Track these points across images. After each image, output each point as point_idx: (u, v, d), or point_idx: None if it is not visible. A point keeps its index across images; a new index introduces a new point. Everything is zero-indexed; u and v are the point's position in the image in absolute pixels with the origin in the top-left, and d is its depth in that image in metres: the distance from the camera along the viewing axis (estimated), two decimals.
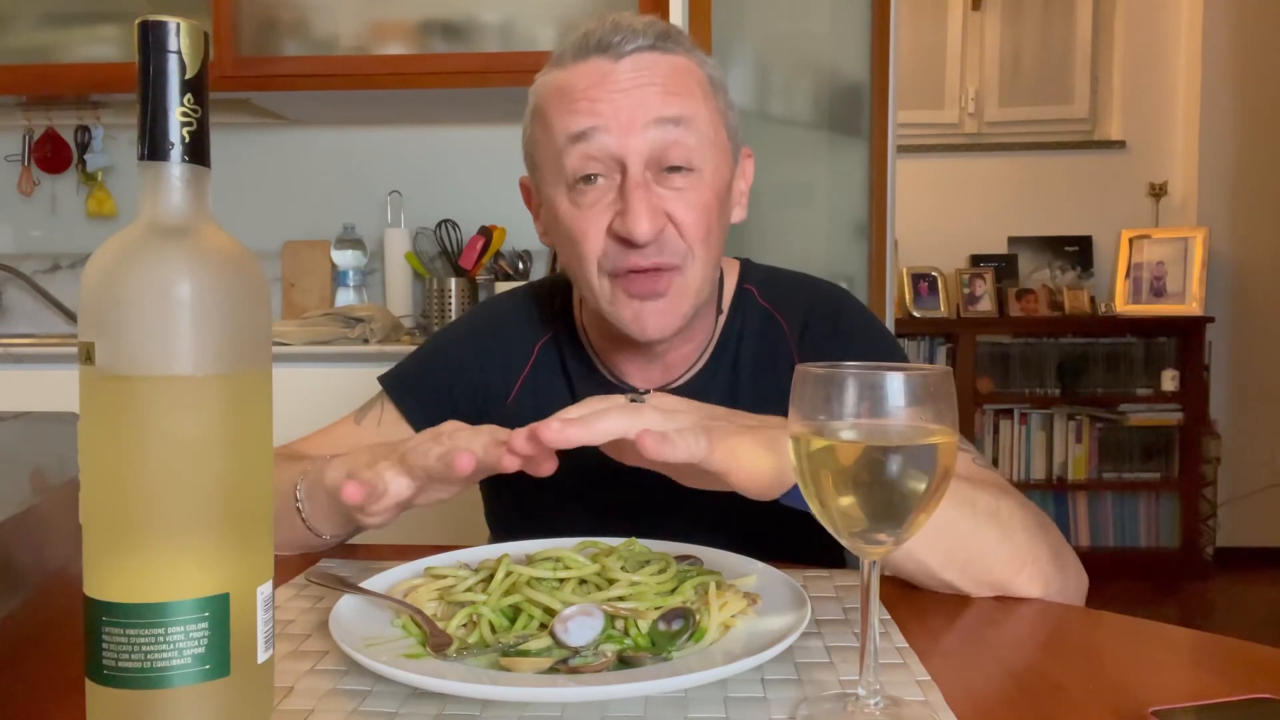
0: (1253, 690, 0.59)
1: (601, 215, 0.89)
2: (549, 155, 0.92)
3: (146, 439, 0.46)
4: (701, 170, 0.90)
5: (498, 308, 1.13)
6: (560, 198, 0.92)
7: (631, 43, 0.88)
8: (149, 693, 0.46)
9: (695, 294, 0.93)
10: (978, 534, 0.77)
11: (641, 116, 0.87)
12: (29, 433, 1.09)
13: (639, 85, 0.88)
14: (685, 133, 0.88)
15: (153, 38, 0.47)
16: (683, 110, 0.88)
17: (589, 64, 0.89)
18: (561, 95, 0.90)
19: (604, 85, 0.88)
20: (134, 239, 0.48)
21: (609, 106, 0.87)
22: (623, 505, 0.94)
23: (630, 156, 0.87)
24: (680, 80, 0.90)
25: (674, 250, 0.90)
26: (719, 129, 0.93)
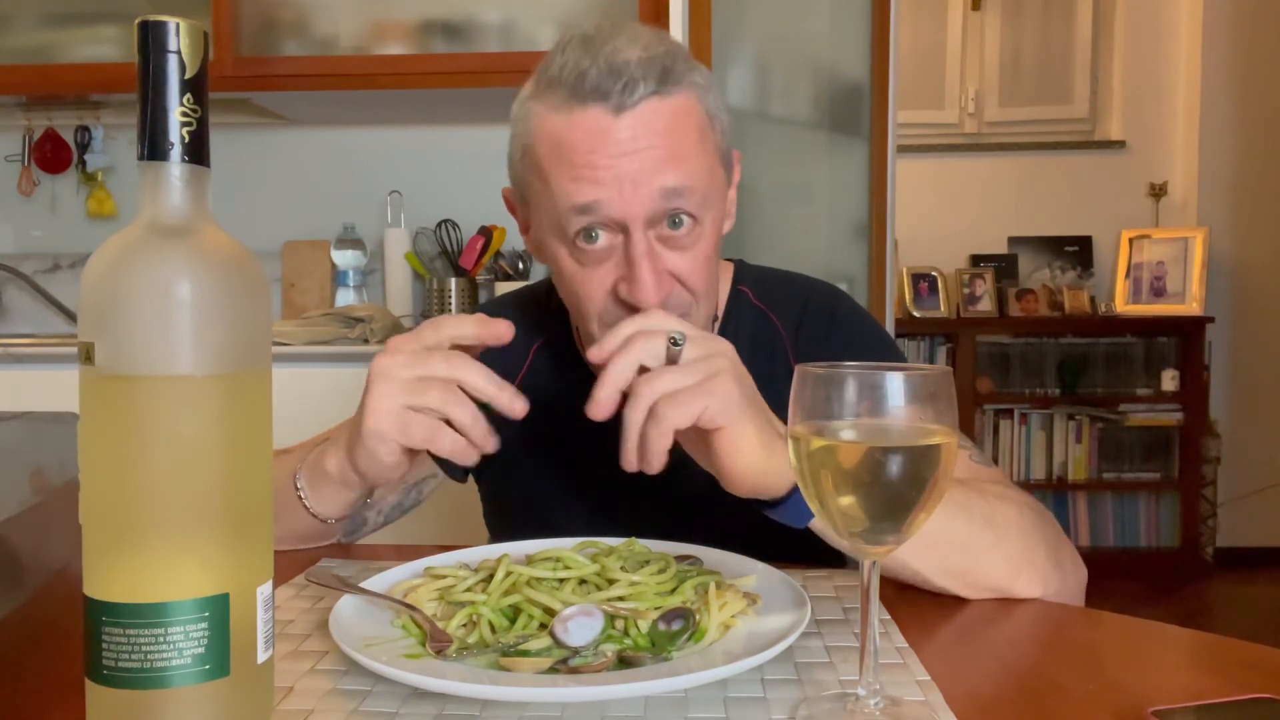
0: (1253, 690, 0.59)
1: (605, 275, 0.87)
2: (546, 210, 0.89)
3: (146, 439, 0.46)
4: (703, 220, 0.88)
5: (493, 311, 1.12)
6: (561, 251, 0.90)
7: (633, 92, 0.83)
8: (149, 693, 0.46)
9: None
10: (972, 541, 0.77)
11: (645, 186, 0.84)
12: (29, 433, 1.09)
13: (641, 149, 0.84)
14: (688, 200, 0.86)
15: (152, 38, 0.47)
16: (685, 179, 0.85)
17: (587, 115, 0.84)
18: (558, 151, 0.86)
19: (605, 148, 0.84)
20: (134, 239, 0.48)
21: (611, 175, 0.84)
22: (622, 505, 0.94)
23: (633, 223, 0.85)
24: (682, 132, 0.86)
25: (678, 304, 0.89)
26: (715, 169, 0.90)
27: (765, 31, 2.44)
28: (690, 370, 0.70)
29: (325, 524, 0.90)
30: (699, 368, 0.70)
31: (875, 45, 2.34)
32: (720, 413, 0.69)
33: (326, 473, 0.86)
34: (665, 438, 0.69)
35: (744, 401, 0.71)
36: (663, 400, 0.69)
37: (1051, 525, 0.84)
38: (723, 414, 0.69)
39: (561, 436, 1.02)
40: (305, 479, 0.88)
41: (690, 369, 0.70)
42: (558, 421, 1.03)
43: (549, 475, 1.03)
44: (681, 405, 0.68)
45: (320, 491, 0.87)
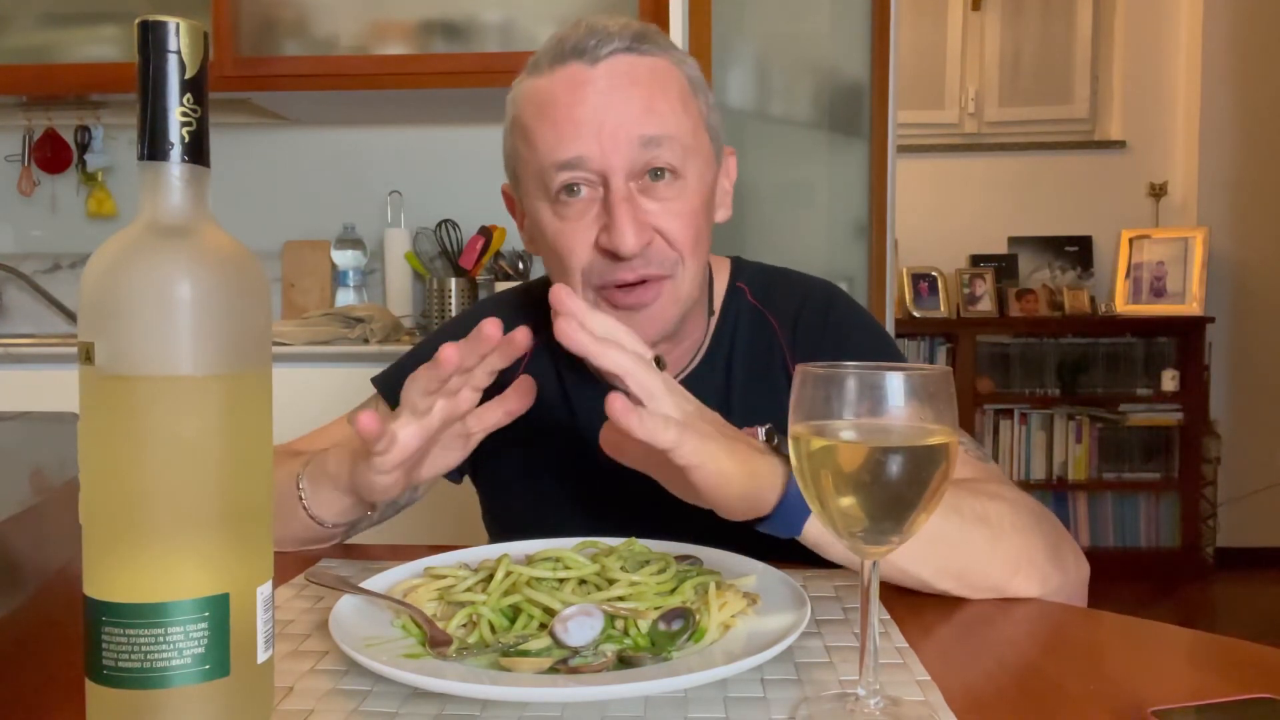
0: (1253, 690, 0.59)
1: (587, 229, 0.89)
2: (531, 170, 0.91)
3: (146, 439, 0.46)
4: (686, 177, 0.89)
5: (490, 309, 1.12)
6: (544, 210, 0.91)
7: (607, 45, 0.87)
8: (149, 693, 0.46)
9: (684, 299, 0.93)
10: (967, 542, 0.77)
11: (624, 135, 0.86)
12: (29, 433, 1.09)
13: (618, 94, 0.87)
14: (667, 149, 0.87)
15: (152, 38, 0.47)
16: (663, 127, 0.87)
17: (566, 70, 0.88)
18: (541, 109, 0.89)
19: (582, 94, 0.87)
20: (134, 239, 0.48)
21: (590, 122, 0.86)
22: (622, 506, 0.94)
23: (613, 173, 0.86)
24: (660, 88, 0.89)
25: (662, 261, 0.90)
26: (700, 134, 0.92)
27: (765, 31, 2.44)
28: None
29: (324, 528, 0.90)
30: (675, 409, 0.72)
31: (875, 45, 2.34)
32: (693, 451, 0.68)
33: (328, 474, 0.86)
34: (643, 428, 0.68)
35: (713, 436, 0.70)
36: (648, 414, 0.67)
37: (1050, 522, 0.84)
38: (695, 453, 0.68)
39: (559, 436, 1.02)
40: (307, 480, 0.88)
41: None
42: (555, 421, 1.03)
43: (546, 475, 1.03)
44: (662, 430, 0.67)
45: (320, 494, 0.87)
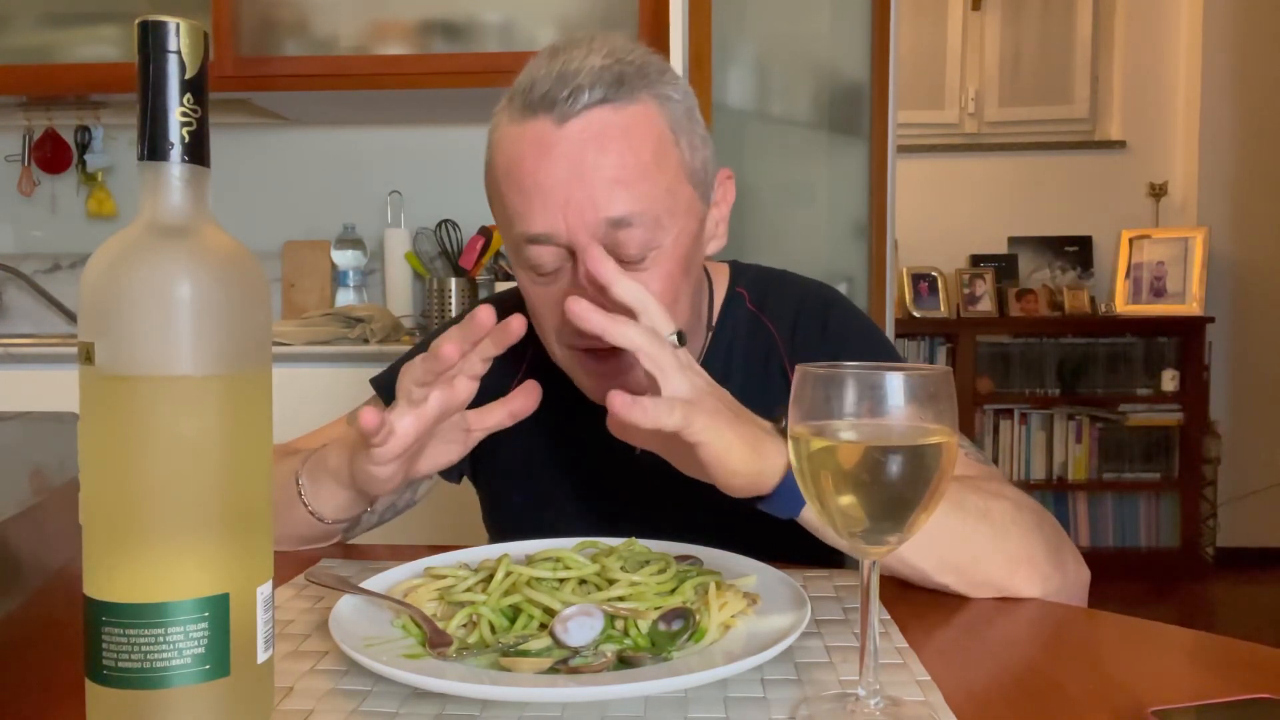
0: (1253, 690, 0.59)
1: (559, 295, 0.84)
2: (505, 232, 0.89)
3: (146, 439, 0.46)
4: (661, 245, 0.85)
5: (495, 307, 1.12)
6: (520, 272, 0.89)
7: (579, 100, 0.81)
8: (149, 693, 0.46)
9: None
10: (970, 537, 0.77)
11: (590, 214, 0.82)
12: (29, 433, 1.09)
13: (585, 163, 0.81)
14: (639, 229, 0.83)
15: (152, 38, 0.47)
16: (632, 204, 0.82)
17: (535, 125, 0.83)
18: (509, 171, 0.85)
19: (548, 161, 0.82)
20: (134, 239, 0.48)
21: (555, 195, 0.82)
22: (622, 505, 0.94)
23: (580, 249, 0.82)
24: (633, 149, 0.83)
25: None
26: (679, 187, 0.86)
27: (765, 31, 2.44)
28: None
29: (323, 525, 0.90)
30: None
31: (875, 45, 2.34)
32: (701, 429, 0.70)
33: (327, 469, 0.86)
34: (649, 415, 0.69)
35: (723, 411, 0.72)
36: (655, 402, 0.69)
37: (1051, 524, 0.84)
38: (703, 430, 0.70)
39: (559, 438, 1.02)
40: (307, 475, 0.88)
41: None
42: (555, 423, 1.03)
43: (546, 476, 1.03)
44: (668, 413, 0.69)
45: (319, 489, 0.87)
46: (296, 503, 0.88)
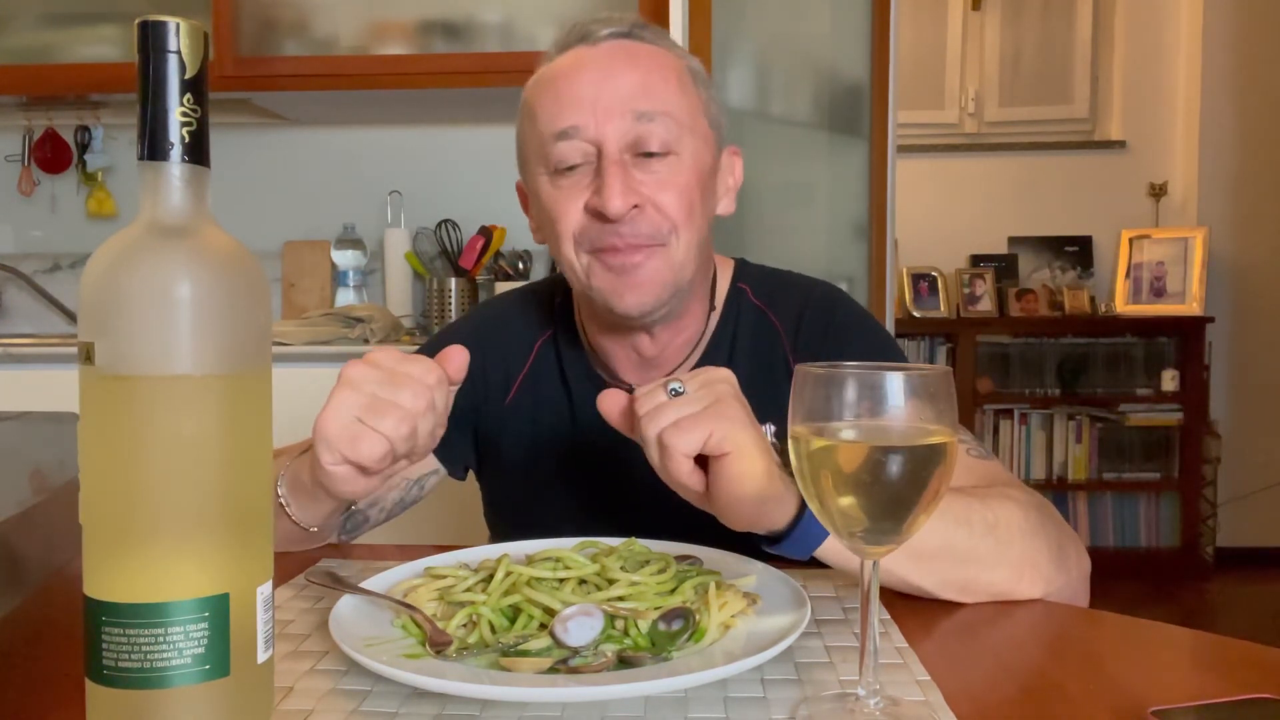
0: (1253, 690, 0.59)
1: (579, 194, 0.91)
2: (534, 146, 0.94)
3: (146, 439, 0.46)
4: (680, 154, 0.92)
5: (497, 307, 1.12)
6: (543, 183, 0.94)
7: (607, 29, 0.93)
8: (149, 693, 0.46)
9: (677, 269, 0.93)
10: (974, 553, 0.77)
11: (618, 107, 0.89)
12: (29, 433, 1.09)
13: (615, 69, 0.91)
14: (661, 125, 0.90)
15: (153, 38, 0.47)
16: (657, 104, 0.90)
17: (569, 52, 0.94)
18: (543, 86, 0.93)
19: (580, 70, 0.91)
20: (134, 239, 0.48)
21: (587, 94, 0.90)
22: (623, 504, 0.94)
23: (607, 143, 0.89)
24: (657, 70, 0.92)
25: (654, 230, 0.91)
26: (697, 117, 0.94)
27: (765, 31, 2.44)
28: (692, 399, 0.70)
29: (307, 532, 0.89)
30: (700, 396, 0.70)
31: (875, 45, 2.34)
32: (727, 438, 0.68)
33: (302, 482, 0.85)
34: (680, 467, 0.69)
35: (749, 425, 0.70)
36: (667, 431, 0.68)
37: (1054, 521, 0.84)
38: (729, 439, 0.68)
39: (563, 434, 1.02)
40: (286, 487, 0.87)
41: (692, 398, 0.70)
42: (559, 419, 1.03)
43: (550, 472, 1.03)
44: (686, 432, 0.68)
45: (299, 501, 0.87)
46: (280, 513, 0.88)
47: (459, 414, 1.01)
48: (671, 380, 0.71)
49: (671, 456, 0.68)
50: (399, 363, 0.76)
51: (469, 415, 1.04)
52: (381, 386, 0.74)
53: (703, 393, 0.70)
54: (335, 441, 0.74)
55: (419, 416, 0.74)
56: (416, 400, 0.74)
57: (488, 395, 1.05)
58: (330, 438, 0.74)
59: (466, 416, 1.04)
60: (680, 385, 0.71)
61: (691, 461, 0.69)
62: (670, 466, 0.69)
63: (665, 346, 1.00)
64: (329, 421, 0.74)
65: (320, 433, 0.74)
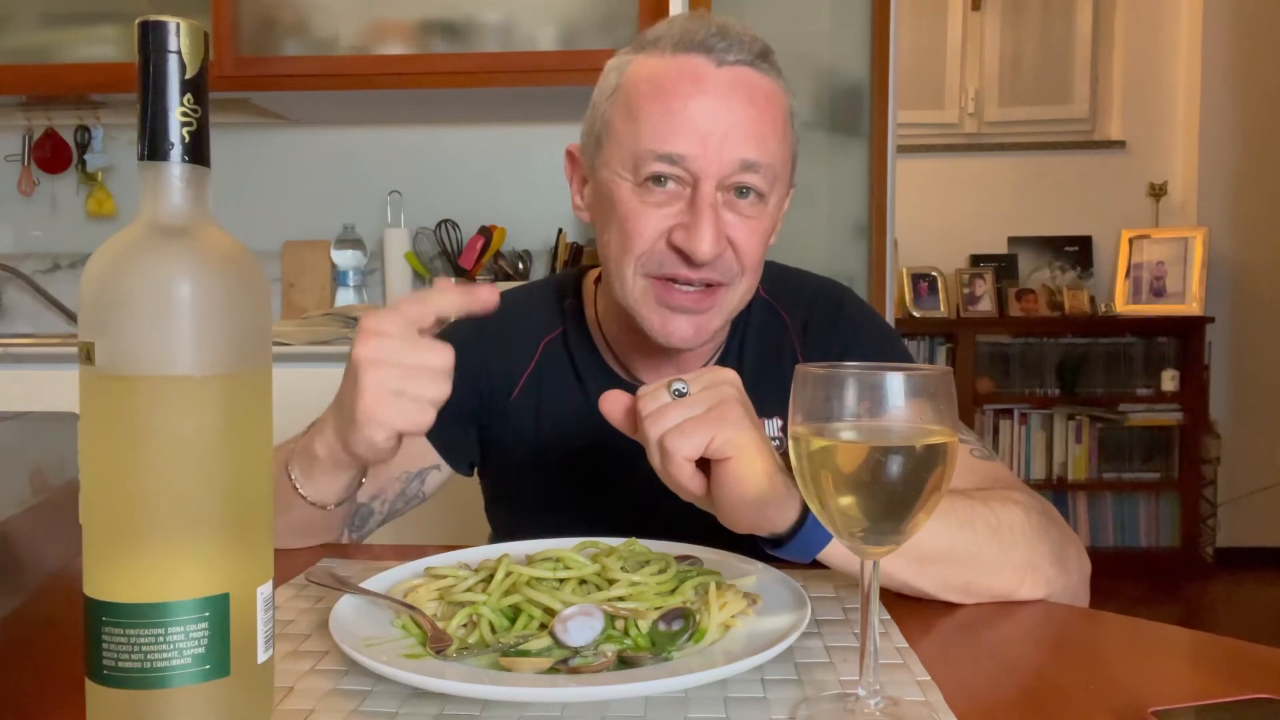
0: (1253, 690, 0.59)
1: (663, 220, 0.89)
2: (625, 146, 0.91)
3: (146, 439, 0.46)
4: (768, 201, 0.92)
5: (503, 304, 1.12)
6: (623, 188, 0.91)
7: (734, 54, 0.89)
8: (149, 693, 0.46)
9: (731, 312, 0.95)
10: (977, 556, 0.77)
11: (729, 151, 0.88)
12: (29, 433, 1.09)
13: (735, 106, 0.88)
14: (761, 176, 0.90)
15: (153, 37, 0.47)
16: (764, 154, 0.89)
17: (690, 60, 0.89)
18: (655, 90, 0.89)
19: (701, 93, 0.88)
20: (134, 239, 0.48)
21: (701, 124, 0.87)
22: (626, 499, 0.94)
23: (706, 179, 0.88)
24: (771, 114, 0.91)
25: (727, 271, 0.91)
26: (787, 165, 0.94)
27: (765, 31, 2.43)
28: (695, 402, 0.69)
29: (324, 511, 0.89)
30: (703, 398, 0.69)
31: (875, 45, 2.34)
32: (729, 442, 0.67)
33: (317, 457, 0.85)
34: (681, 470, 0.68)
35: (752, 430, 0.69)
36: (669, 434, 0.68)
37: (1056, 523, 0.84)
38: (731, 443, 0.67)
39: (566, 431, 1.02)
40: (298, 467, 0.88)
41: (695, 400, 0.69)
42: (563, 416, 1.03)
43: (552, 469, 1.03)
44: (688, 436, 0.67)
45: (313, 477, 0.87)
46: (293, 497, 0.88)
47: (464, 410, 1.01)
48: (675, 381, 0.71)
49: (673, 460, 0.68)
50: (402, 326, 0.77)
51: (474, 411, 1.04)
52: (406, 354, 0.76)
53: (706, 395, 0.69)
54: (388, 420, 0.76)
55: (450, 372, 0.77)
56: (444, 357, 0.76)
57: (492, 391, 1.05)
58: (381, 417, 0.76)
59: (471, 413, 1.04)
60: (684, 386, 0.70)
61: (693, 465, 0.68)
62: (671, 470, 0.68)
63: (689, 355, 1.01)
64: (375, 403, 0.76)
65: (370, 415, 0.76)
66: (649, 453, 0.70)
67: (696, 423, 0.68)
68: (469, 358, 1.06)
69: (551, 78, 2.21)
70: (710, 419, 0.68)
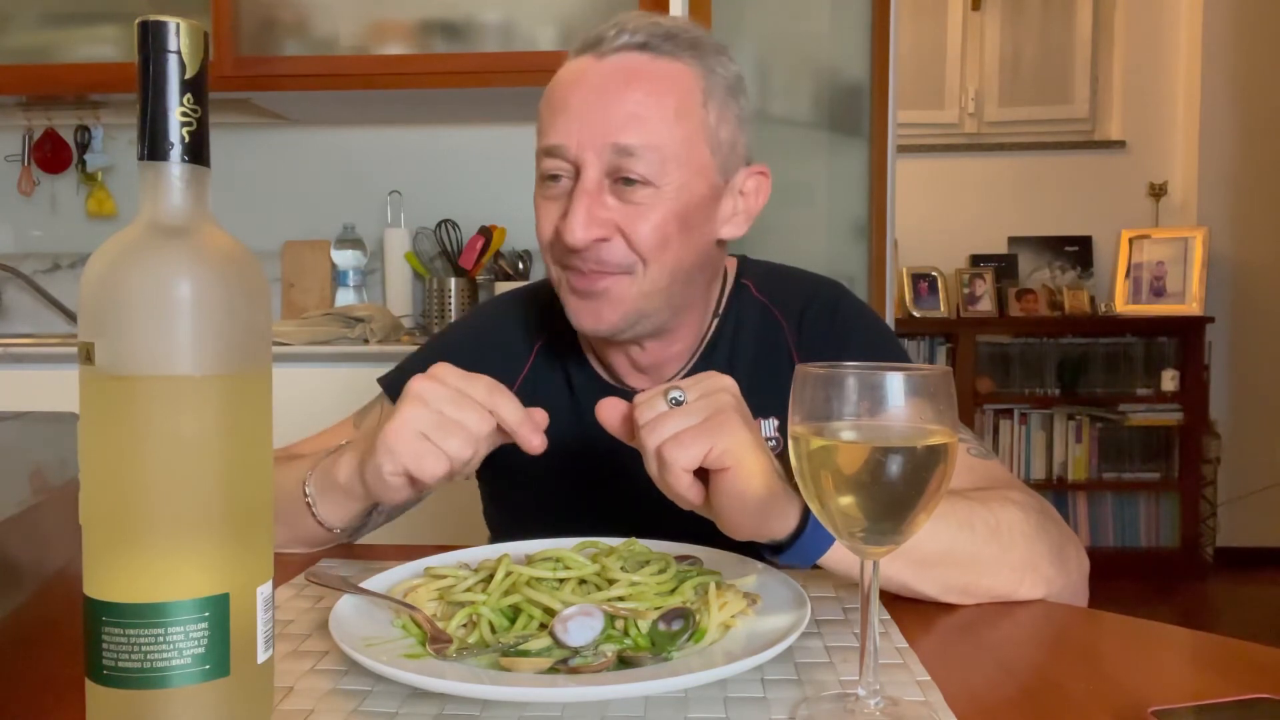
0: (1253, 690, 0.59)
1: (555, 209, 0.92)
2: (536, 149, 0.95)
3: (146, 439, 0.46)
4: (661, 186, 0.89)
5: (497, 309, 1.12)
6: (537, 187, 0.95)
7: (618, 40, 0.89)
8: (149, 693, 0.46)
9: (642, 299, 0.92)
10: (977, 558, 0.76)
11: (600, 137, 0.87)
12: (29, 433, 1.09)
13: (608, 94, 0.88)
14: (642, 160, 0.88)
15: (153, 38, 0.47)
16: (641, 137, 0.87)
17: (578, 61, 0.92)
18: (549, 93, 0.93)
19: (577, 87, 0.90)
20: (134, 239, 0.48)
21: (575, 115, 0.88)
22: (624, 503, 0.94)
23: (585, 166, 0.89)
24: (655, 96, 0.88)
25: (619, 259, 0.90)
26: (696, 145, 0.91)
27: (765, 31, 2.44)
28: (692, 410, 0.69)
29: (331, 533, 0.90)
30: (700, 407, 0.69)
31: (875, 45, 2.34)
32: (727, 452, 0.67)
33: (335, 481, 0.86)
34: (679, 480, 0.68)
35: (750, 439, 0.68)
36: (667, 444, 0.67)
37: (1054, 522, 0.84)
38: (730, 454, 0.67)
39: (562, 434, 1.02)
40: (314, 485, 0.88)
41: (692, 409, 0.69)
42: (558, 420, 1.03)
43: (549, 472, 1.03)
44: (686, 447, 0.67)
45: (327, 499, 0.88)
46: (305, 513, 0.88)
47: None
48: (672, 388, 0.71)
49: (671, 471, 0.67)
50: (465, 383, 0.78)
51: None
52: (449, 406, 0.76)
53: (702, 403, 0.69)
54: (401, 454, 0.76)
55: (481, 441, 0.77)
56: (481, 424, 0.77)
57: None
58: (397, 450, 0.76)
59: None
60: (681, 394, 0.70)
61: (691, 475, 0.68)
62: (670, 480, 0.68)
63: (658, 356, 1.00)
64: (397, 435, 0.76)
65: (387, 443, 0.76)
66: (647, 462, 0.70)
67: (695, 433, 0.67)
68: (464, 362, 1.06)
69: (551, 78, 2.20)
70: (708, 429, 0.67)
